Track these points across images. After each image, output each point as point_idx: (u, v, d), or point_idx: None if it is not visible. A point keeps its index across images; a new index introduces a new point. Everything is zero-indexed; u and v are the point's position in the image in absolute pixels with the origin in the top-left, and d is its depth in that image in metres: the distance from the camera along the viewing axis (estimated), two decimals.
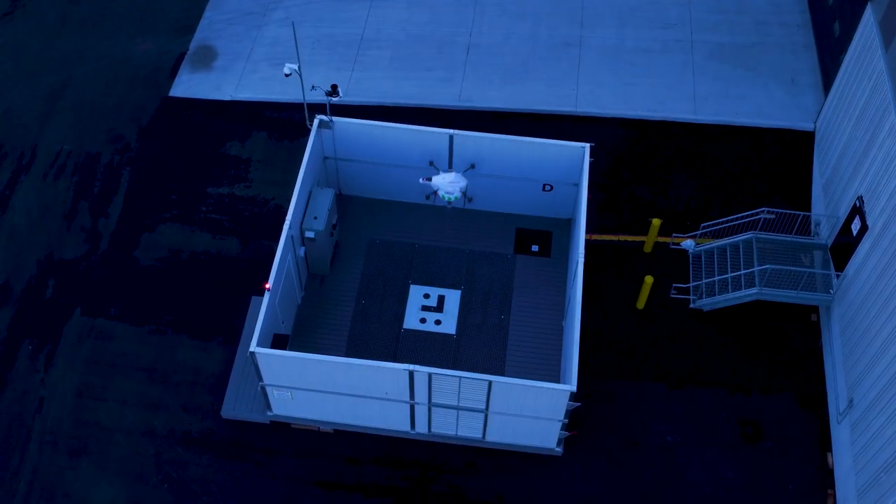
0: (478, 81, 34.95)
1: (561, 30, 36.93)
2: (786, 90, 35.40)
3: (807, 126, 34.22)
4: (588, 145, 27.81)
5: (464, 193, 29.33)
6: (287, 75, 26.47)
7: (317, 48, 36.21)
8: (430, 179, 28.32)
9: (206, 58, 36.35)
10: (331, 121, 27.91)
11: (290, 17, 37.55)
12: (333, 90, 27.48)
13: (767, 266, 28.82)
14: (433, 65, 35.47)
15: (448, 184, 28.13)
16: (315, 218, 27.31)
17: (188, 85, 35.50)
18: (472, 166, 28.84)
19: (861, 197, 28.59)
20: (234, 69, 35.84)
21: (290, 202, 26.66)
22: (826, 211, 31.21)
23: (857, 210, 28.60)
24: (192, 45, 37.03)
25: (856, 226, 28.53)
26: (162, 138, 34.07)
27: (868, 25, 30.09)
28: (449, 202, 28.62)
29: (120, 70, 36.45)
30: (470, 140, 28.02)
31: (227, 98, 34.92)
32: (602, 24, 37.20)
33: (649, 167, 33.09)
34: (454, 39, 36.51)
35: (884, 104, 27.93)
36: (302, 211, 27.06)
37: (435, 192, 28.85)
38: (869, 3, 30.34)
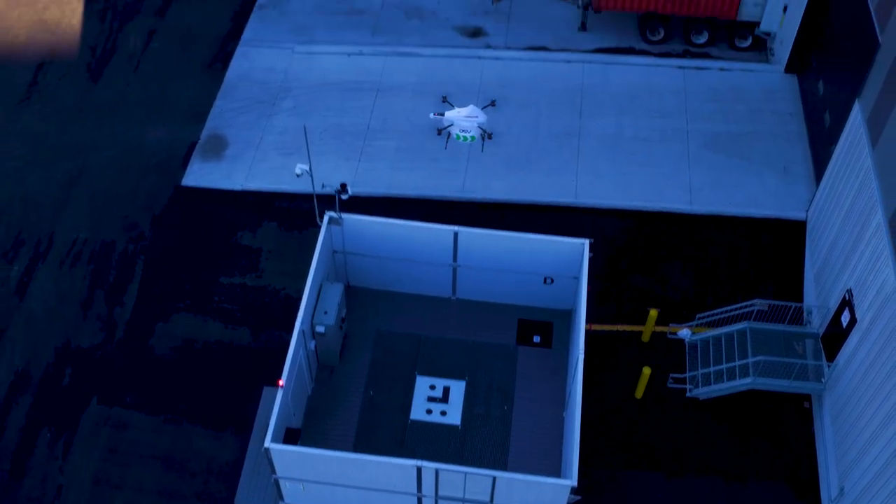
0: (481, 171, 36.79)
1: (562, 119, 38.84)
2: (779, 179, 37.25)
3: (799, 215, 36.01)
4: (587, 241, 29.52)
5: (483, 131, 29.02)
6: (298, 175, 28.22)
7: (325, 138, 38.10)
8: (442, 115, 27.89)
9: (217, 147, 38.21)
10: (340, 217, 29.65)
11: (298, 106, 39.44)
12: (343, 188, 29.26)
13: (760, 358, 30.49)
14: (438, 155, 37.33)
15: (464, 119, 27.55)
16: (325, 313, 28.97)
17: (200, 174, 37.32)
18: (493, 103, 28.66)
19: (850, 290, 30.30)
20: (245, 158, 37.68)
21: (299, 293, 28.37)
22: (817, 301, 32.92)
23: (847, 303, 30.30)
24: (204, 133, 38.87)
25: (845, 318, 30.20)
26: (175, 227, 35.82)
27: (856, 122, 32.00)
28: (465, 141, 28.23)
29: (134, 157, 38.29)
30: (474, 236, 29.74)
31: (238, 188, 36.73)
32: (601, 114, 39.11)
33: (647, 257, 34.85)
34: None
35: (871, 202, 29.72)
36: (313, 306, 28.72)
37: (448, 134, 28.41)
38: (857, 100, 32.24)
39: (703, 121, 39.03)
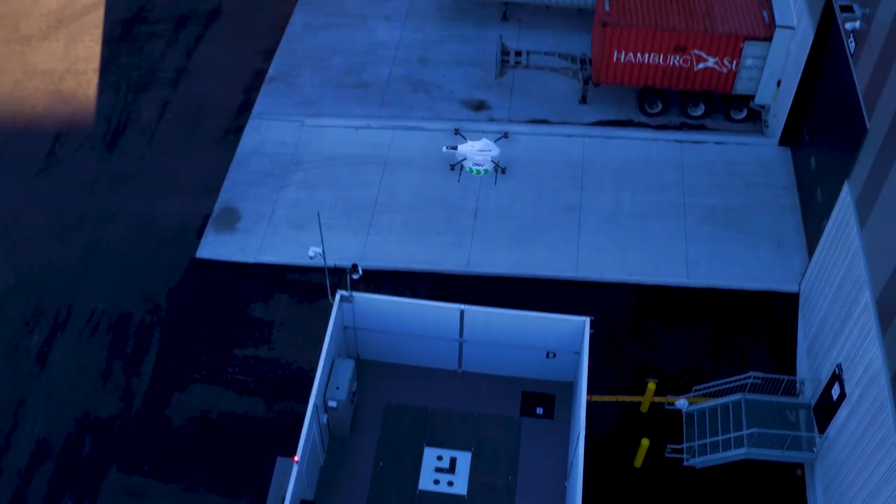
0: (485, 246, 38.68)
1: (563, 194, 40.77)
2: (773, 252, 39.15)
3: (792, 288, 37.88)
4: (588, 319, 31.34)
5: (496, 165, 29.93)
6: (312, 257, 30.13)
7: (334, 211, 40.00)
8: (455, 148, 28.95)
9: (231, 219, 40.10)
10: (351, 296, 31.50)
11: (309, 179, 41.40)
12: (354, 268, 31.14)
13: (754, 430, 32.24)
14: (443, 229, 39.23)
15: (477, 152, 28.50)
16: (337, 388, 30.75)
17: (214, 246, 39.18)
18: (506, 135, 29.73)
19: (840, 365, 32.11)
20: (257, 231, 39.57)
21: (311, 364, 30.17)
22: (809, 372, 34.73)
23: (837, 377, 32.11)
24: (217, 206, 40.77)
25: (835, 391, 31.99)
26: (190, 299, 37.65)
27: (845, 203, 33.93)
28: (478, 174, 29.29)
29: (150, 229, 40.16)
30: (479, 314, 31.57)
31: (251, 260, 38.59)
32: (601, 189, 41.05)
33: (645, 329, 36.67)
34: (463, 204, 40.31)
35: (859, 281, 31.60)
36: (325, 381, 30.50)
37: (460, 166, 29.19)
38: (846, 182, 34.19)
39: (699, 195, 40.91)
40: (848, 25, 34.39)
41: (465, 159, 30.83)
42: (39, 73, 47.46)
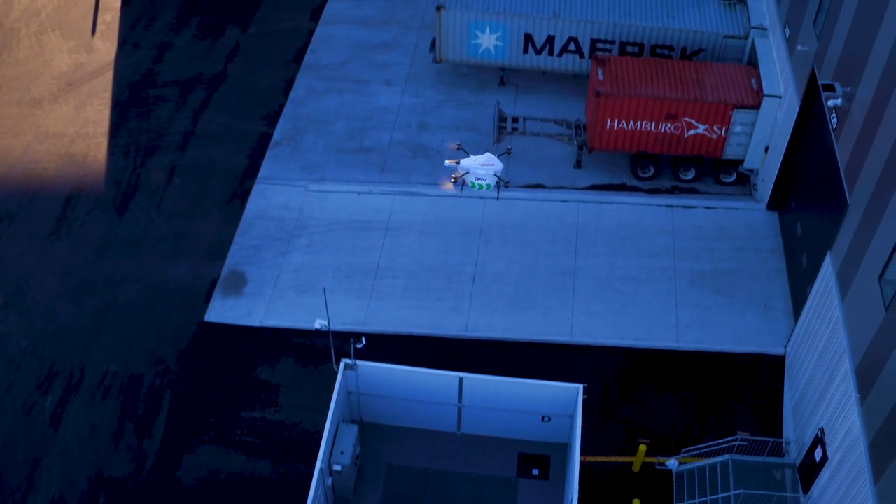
0: (483, 310, 40.81)
1: (558, 259, 42.96)
2: (760, 316, 41.30)
3: (778, 351, 40.04)
4: (581, 386, 33.48)
5: (499, 179, 30.63)
6: (318, 329, 32.36)
7: (337, 276, 42.17)
8: (457, 162, 29.54)
9: (238, 283, 42.24)
10: (355, 364, 33.67)
11: (313, 244, 43.58)
12: (357, 338, 33.38)
13: (741, 491, 34.32)
14: (443, 294, 41.39)
15: (480, 167, 29.44)
16: (342, 453, 32.81)
17: (221, 310, 41.30)
18: (509, 151, 30.53)
19: (822, 429, 34.21)
20: (263, 295, 41.70)
21: (316, 427, 32.22)
22: (794, 433, 36.83)
23: (819, 440, 34.20)
24: (224, 270, 42.92)
25: (818, 454, 34.06)
26: (199, 362, 39.73)
27: (827, 273, 36.11)
28: (481, 188, 30.13)
29: (159, 292, 42.28)
30: (477, 382, 33.73)
31: (257, 324, 40.69)
32: (594, 254, 43.25)
33: (637, 392, 38.78)
34: (461, 269, 42.49)
35: (840, 350, 33.75)
36: (330, 446, 32.58)
37: (462, 181, 29.97)
38: (828, 253, 36.39)
39: (689, 259, 43.11)
40: (830, 103, 36.64)
41: (467, 173, 32.00)
42: (51, 136, 49.68)
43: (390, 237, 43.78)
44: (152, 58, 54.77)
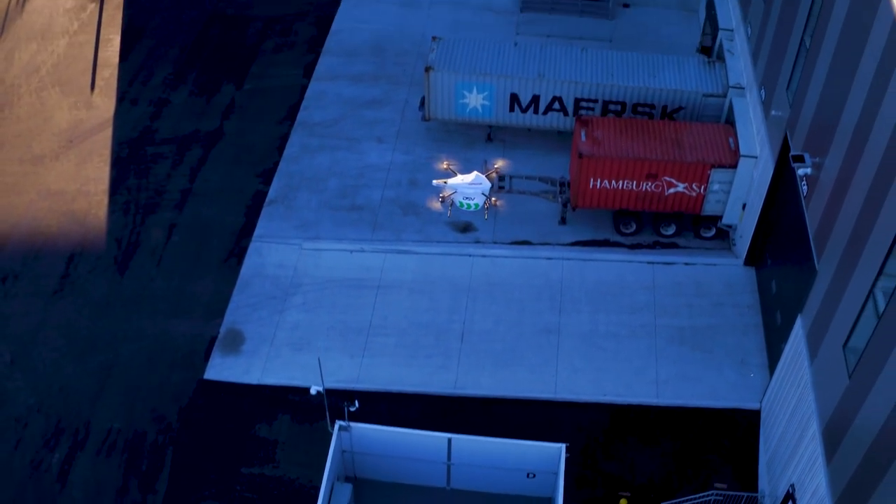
0: (471, 368, 43.26)
1: (543, 316, 45.44)
2: (736, 371, 43.79)
3: (754, 405, 42.53)
4: (564, 445, 35.95)
5: (487, 198, 31.32)
6: (313, 395, 34.89)
7: (331, 334, 44.60)
8: (445, 182, 30.78)
9: (235, 342, 44.65)
10: (349, 426, 36.12)
11: (307, 302, 46.00)
12: (351, 401, 35.87)
13: None
14: (432, 352, 43.84)
15: (468, 186, 30.68)
16: None
17: (220, 368, 43.70)
18: (497, 170, 31.70)
19: (793, 485, 36.67)
20: (260, 353, 44.11)
21: (312, 482, 34.71)
22: (769, 487, 39.27)
23: (790, 496, 36.65)
24: (223, 328, 45.31)
25: None
26: (200, 419, 42.09)
27: (798, 335, 38.60)
28: (468, 208, 31.11)
29: (160, 350, 44.65)
30: (465, 442, 36.19)
31: (255, 382, 43.09)
32: (578, 310, 45.73)
33: (619, 446, 41.23)
34: (450, 327, 44.95)
35: (808, 412, 36.22)
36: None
37: (449, 197, 30.98)
38: (799, 316, 38.89)
39: (669, 315, 45.61)
40: (800, 172, 39.18)
41: (455, 192, 33.11)
42: (52, 194, 52.11)
43: (382, 295, 46.18)
44: (150, 114, 57.19)
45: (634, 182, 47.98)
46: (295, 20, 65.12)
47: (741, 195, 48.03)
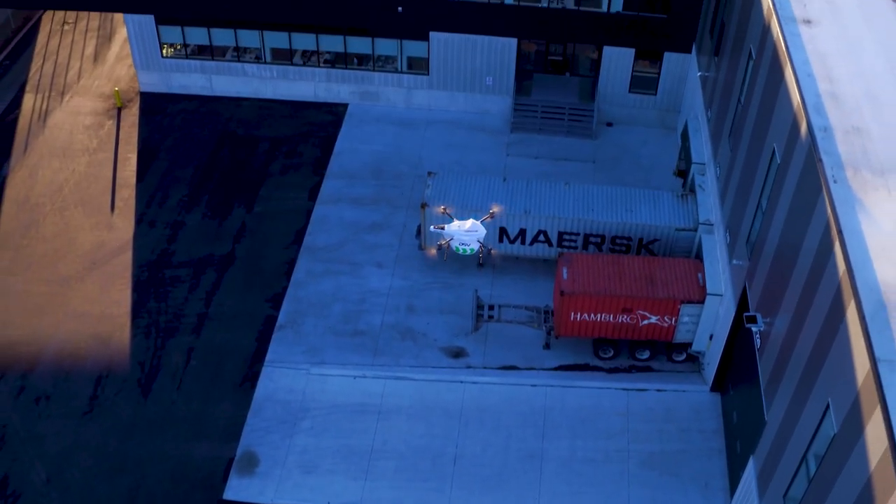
0: (462, 492, 49.87)
1: (527, 442, 52.24)
2: (701, 495, 50.57)
3: None
4: None
5: (482, 245, 34.90)
6: None
7: (336, 458, 51.33)
8: (443, 228, 34.15)
9: (251, 464, 51.40)
10: None
11: (315, 426, 52.77)
12: None
13: None
14: (428, 476, 50.53)
15: (464, 233, 34.13)
16: None
17: (238, 489, 50.36)
18: (492, 214, 35.83)
19: None
20: (273, 475, 50.82)
21: None
22: None
23: None
24: (239, 450, 52.04)
25: None
26: None
27: (749, 475, 45.44)
28: (464, 253, 34.11)
29: (183, 471, 51.30)
30: None
31: (269, 503, 49.78)
32: (559, 436, 52.54)
33: None
34: (444, 451, 51.69)
35: None
36: None
37: (447, 245, 34.61)
38: (752, 456, 45.76)
39: (641, 441, 52.43)
40: (753, 328, 46.16)
41: (452, 239, 35.89)
42: (78, 316, 58.93)
43: (382, 420, 52.99)
44: (167, 237, 64.13)
45: (611, 315, 54.92)
46: (300, 141, 72.09)
47: (709, 327, 54.92)
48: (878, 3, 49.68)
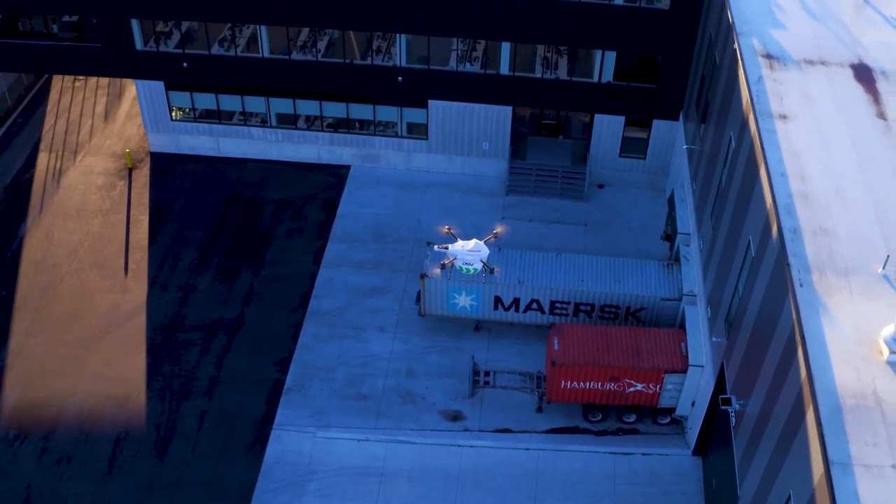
0: None
1: None
2: None
3: None
4: None
5: (485, 265, 37.23)
6: None
7: None
8: (446, 247, 36.54)
9: None
10: None
11: (322, 489, 57.27)
12: None
13: None
14: None
15: (468, 253, 36.40)
16: None
17: None
18: (495, 234, 38.31)
19: None
20: None
21: None
22: None
23: None
24: None
25: None
26: None
27: None
28: (468, 272, 36.36)
29: None
30: None
31: None
32: (550, 499, 56.76)
33: None
34: None
35: None
36: None
37: (451, 264, 36.72)
38: None
39: None
40: (728, 409, 50.70)
41: (455, 258, 38.19)
42: (96, 378, 63.35)
43: (385, 483, 57.50)
44: (179, 300, 68.65)
45: (600, 383, 59.51)
46: (304, 203, 76.69)
47: (691, 394, 59.47)
48: (852, 92, 53.87)
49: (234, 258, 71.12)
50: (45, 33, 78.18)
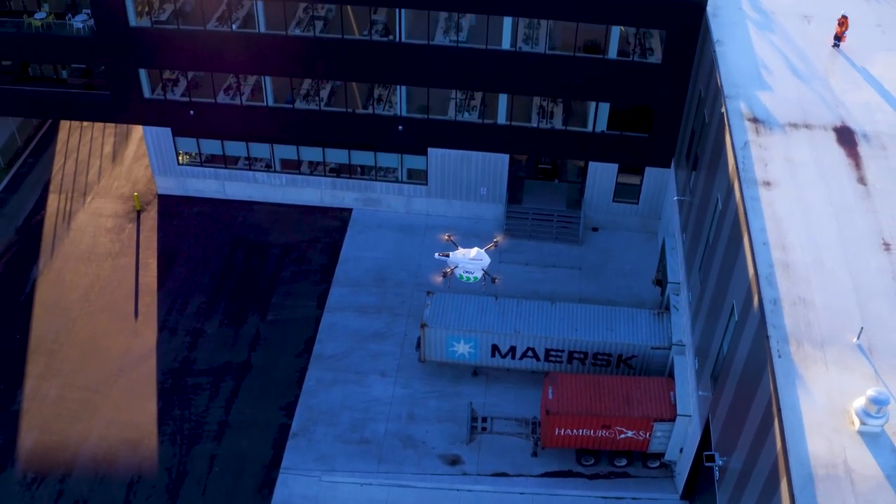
0: None
1: None
2: None
3: None
4: None
5: (486, 273, 38.97)
6: None
7: None
8: (447, 255, 38.44)
9: None
10: None
11: None
12: None
13: None
14: None
15: (469, 261, 37.96)
16: None
17: None
18: (496, 243, 39.81)
19: None
20: None
21: None
22: None
23: None
24: None
25: None
26: None
27: None
28: (468, 281, 37.92)
29: None
30: None
31: None
32: None
33: None
34: None
35: None
36: None
37: (451, 272, 38.79)
38: None
39: None
40: (713, 465, 54.25)
41: (456, 267, 40.13)
42: (109, 422, 66.77)
43: None
44: (188, 344, 72.16)
45: (592, 430, 63.14)
46: (308, 247, 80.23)
47: (679, 441, 63.06)
48: (833, 157, 57.30)
49: (240, 302, 74.48)
50: (54, 79, 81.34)
